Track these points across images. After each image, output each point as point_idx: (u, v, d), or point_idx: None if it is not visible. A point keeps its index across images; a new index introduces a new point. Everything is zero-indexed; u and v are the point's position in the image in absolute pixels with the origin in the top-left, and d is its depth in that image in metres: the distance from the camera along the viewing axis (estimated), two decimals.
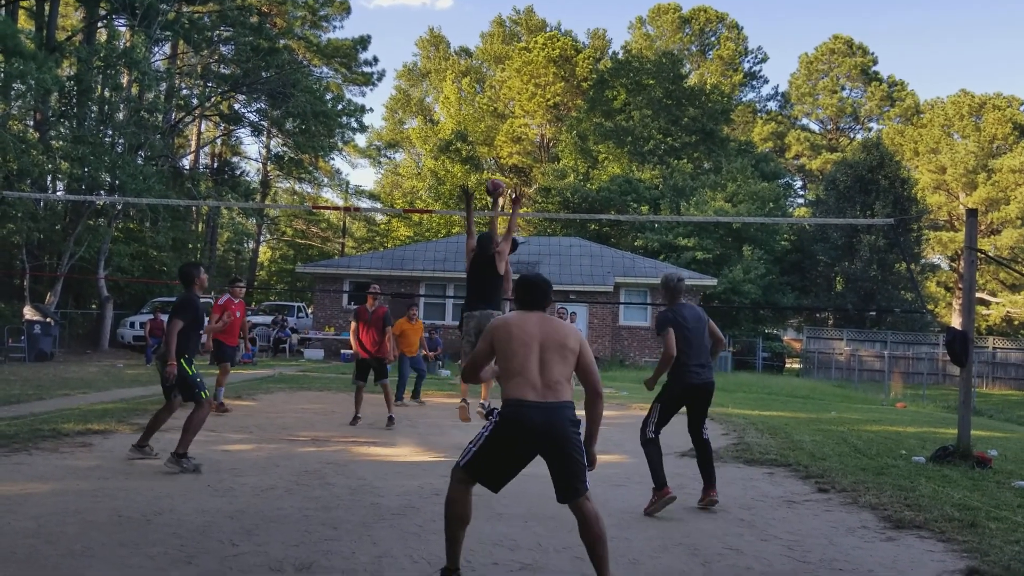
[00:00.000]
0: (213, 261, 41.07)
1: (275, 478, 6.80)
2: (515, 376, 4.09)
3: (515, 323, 4.21)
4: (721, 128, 44.21)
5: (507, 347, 4.14)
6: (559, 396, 4.07)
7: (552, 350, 4.13)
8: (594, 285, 26.23)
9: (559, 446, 4.02)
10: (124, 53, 25.94)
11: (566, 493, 4.07)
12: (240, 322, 11.51)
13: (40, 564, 4.26)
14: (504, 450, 4.09)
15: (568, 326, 4.31)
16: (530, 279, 4.42)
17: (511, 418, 4.04)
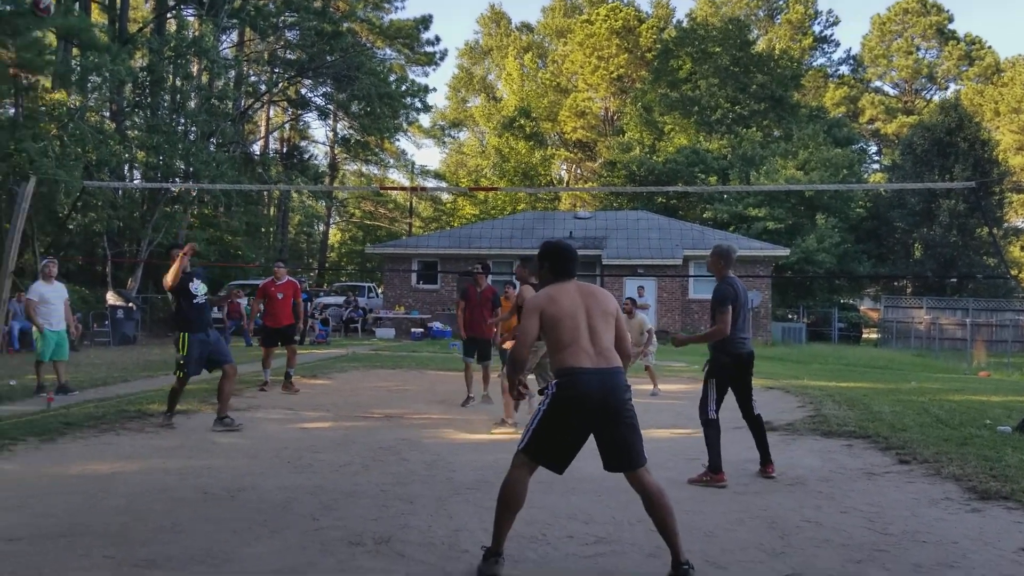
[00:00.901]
0: (285, 244, 41.94)
1: (352, 454, 6.94)
2: (568, 346, 4.00)
3: (558, 294, 4.12)
4: (791, 94, 43.11)
5: (556, 319, 4.05)
6: (611, 362, 4.01)
7: (598, 317, 4.07)
8: (663, 259, 25.96)
9: (617, 412, 3.94)
10: (193, 42, 26.51)
11: (624, 462, 3.98)
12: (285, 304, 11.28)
13: (132, 540, 4.43)
14: (563, 423, 3.96)
15: (605, 291, 4.27)
16: (560, 246, 4.31)
17: (568, 387, 3.94)
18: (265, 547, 4.35)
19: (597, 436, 3.99)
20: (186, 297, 7.83)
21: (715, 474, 5.96)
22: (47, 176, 19.44)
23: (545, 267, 4.29)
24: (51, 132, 21.81)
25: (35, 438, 7.20)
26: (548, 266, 4.27)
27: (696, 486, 5.88)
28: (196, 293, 7.85)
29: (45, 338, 10.23)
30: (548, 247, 4.32)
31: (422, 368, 15.30)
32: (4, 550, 4.18)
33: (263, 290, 11.21)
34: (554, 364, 4.10)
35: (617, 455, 3.99)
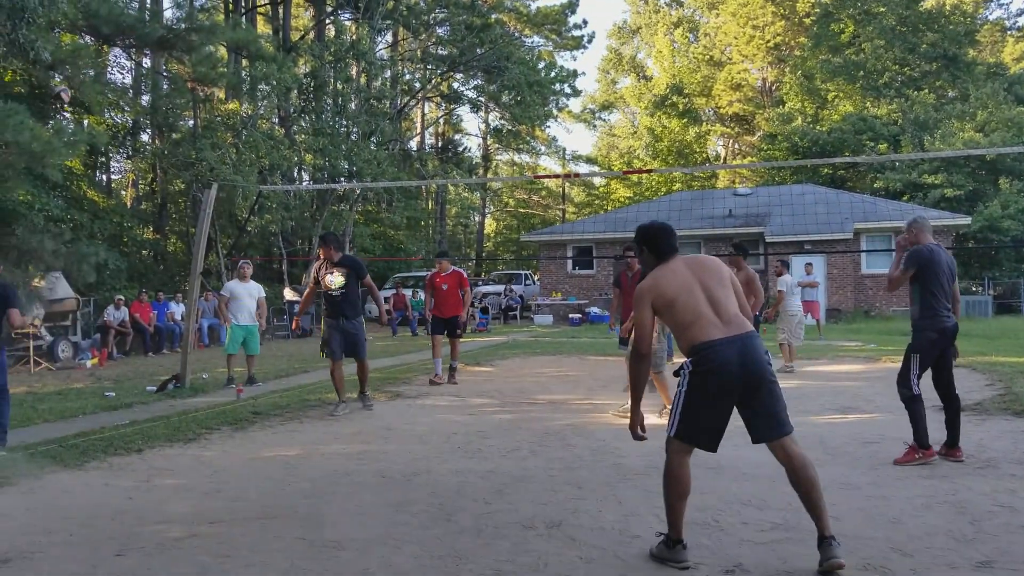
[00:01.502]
0: (443, 235, 43.07)
1: (519, 440, 7.05)
2: (692, 323, 3.85)
3: (664, 276, 3.97)
4: (965, 52, 40.04)
5: (670, 301, 3.90)
6: (743, 327, 3.84)
7: (715, 286, 3.91)
8: (831, 233, 24.78)
9: (759, 378, 3.77)
10: (351, 46, 27.60)
11: (770, 429, 3.81)
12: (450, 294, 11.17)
13: (320, 521, 4.69)
14: (705, 400, 3.82)
15: (713, 259, 4.11)
16: (654, 226, 4.16)
17: (703, 362, 3.79)
18: (442, 529, 4.49)
19: (740, 407, 3.84)
20: (324, 288, 8.46)
21: (924, 450, 5.77)
22: (226, 182, 20.82)
23: (645, 252, 4.16)
24: (227, 140, 23.32)
25: (228, 427, 7.75)
26: (648, 249, 4.15)
27: (903, 466, 5.70)
28: (330, 286, 8.36)
29: (232, 331, 11.00)
30: (641, 230, 4.20)
31: (582, 354, 15.33)
32: (207, 532, 4.52)
33: (429, 282, 11.46)
34: (683, 346, 3.94)
35: (762, 423, 3.83)
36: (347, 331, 8.42)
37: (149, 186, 27.43)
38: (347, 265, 8.45)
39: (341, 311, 8.35)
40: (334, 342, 8.43)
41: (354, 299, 8.47)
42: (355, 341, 8.49)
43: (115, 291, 18.82)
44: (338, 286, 8.30)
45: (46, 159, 11.39)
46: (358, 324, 8.48)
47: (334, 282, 8.27)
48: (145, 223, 25.96)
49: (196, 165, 22.21)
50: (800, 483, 3.80)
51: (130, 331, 16.94)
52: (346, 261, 8.53)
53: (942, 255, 6.03)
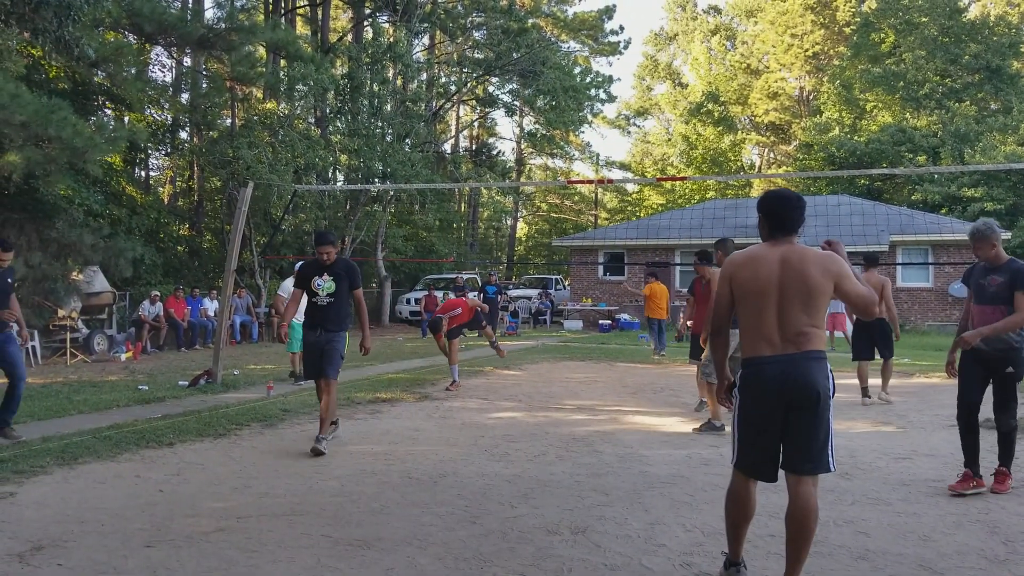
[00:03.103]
0: (475, 239, 43.16)
1: (545, 445, 7.05)
2: (748, 330, 3.59)
3: (755, 259, 3.62)
4: (1009, 63, 39.31)
5: (744, 291, 3.61)
6: (801, 347, 3.49)
7: (794, 295, 3.51)
8: (867, 245, 24.45)
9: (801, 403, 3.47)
10: (389, 48, 27.76)
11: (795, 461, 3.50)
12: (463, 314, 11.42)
13: (346, 520, 4.73)
14: (748, 423, 3.59)
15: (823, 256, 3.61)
16: (778, 195, 3.74)
17: (745, 379, 3.58)
18: (467, 532, 4.51)
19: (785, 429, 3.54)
20: (309, 294, 7.13)
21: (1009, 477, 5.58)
22: (262, 181, 21.03)
23: (761, 222, 3.75)
24: (264, 140, 23.56)
25: (258, 424, 7.83)
26: (762, 218, 3.74)
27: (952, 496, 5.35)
28: (318, 291, 7.03)
29: (293, 329, 11.12)
30: (765, 195, 3.79)
31: (611, 360, 15.28)
32: (235, 527, 4.57)
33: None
34: (741, 349, 3.70)
35: (788, 451, 3.52)
36: (325, 345, 6.96)
37: (186, 183, 27.80)
38: (342, 270, 7.12)
39: (323, 322, 7.00)
40: (306, 355, 7.11)
41: (341, 310, 7.11)
42: (328, 352, 6.94)
43: (150, 286, 19.08)
44: (326, 292, 7.01)
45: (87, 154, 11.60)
46: (339, 337, 7.08)
47: (323, 287, 7.02)
48: (181, 220, 26.30)
49: (233, 163, 22.46)
50: (796, 527, 3.50)
51: (164, 326, 17.17)
52: (341, 265, 7.16)
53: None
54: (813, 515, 3.47)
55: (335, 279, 7.04)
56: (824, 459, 3.52)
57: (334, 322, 7.03)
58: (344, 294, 7.08)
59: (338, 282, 7.04)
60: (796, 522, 3.48)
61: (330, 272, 7.07)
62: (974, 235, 5.44)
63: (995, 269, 5.39)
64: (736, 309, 3.69)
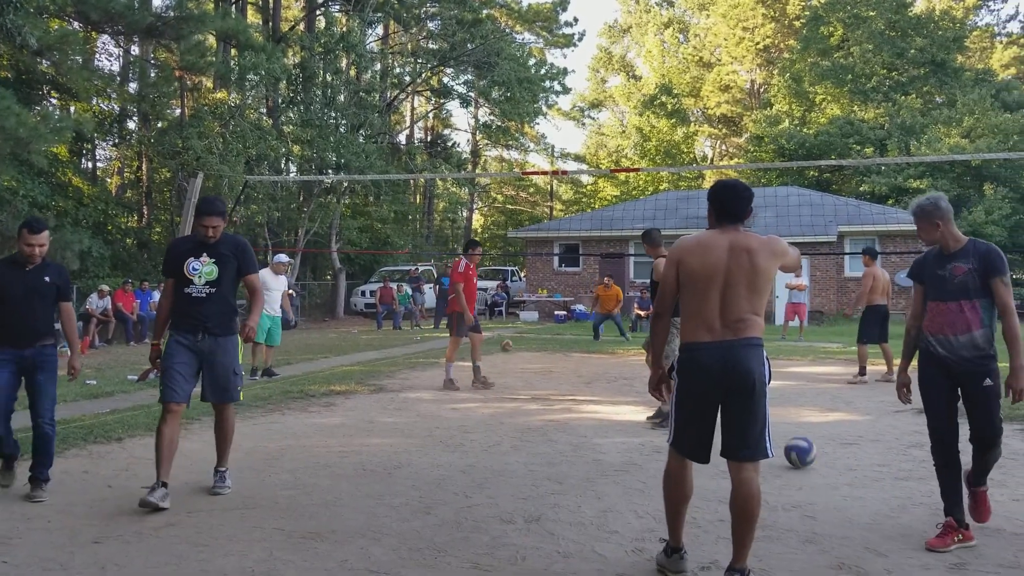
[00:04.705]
0: (431, 230, 43.02)
1: (501, 435, 7.08)
2: (691, 316, 3.61)
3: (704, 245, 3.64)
4: (954, 57, 40.25)
5: (690, 277, 3.61)
6: (740, 333, 3.52)
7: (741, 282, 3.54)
8: (815, 235, 24.95)
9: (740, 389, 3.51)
10: (342, 38, 27.50)
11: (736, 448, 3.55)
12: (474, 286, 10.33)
13: (299, 513, 4.70)
14: (686, 406, 3.63)
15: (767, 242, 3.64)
16: (726, 184, 3.79)
17: (684, 363, 3.63)
18: (421, 522, 4.51)
19: (721, 416, 3.61)
20: (179, 282, 5.10)
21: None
22: (212, 172, 20.73)
23: (710, 210, 3.79)
24: (214, 130, 23.22)
25: (208, 417, 7.70)
26: (711, 207, 3.78)
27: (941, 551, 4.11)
28: (191, 277, 5.05)
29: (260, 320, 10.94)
30: (714, 184, 3.83)
31: (566, 351, 15.37)
32: (185, 521, 4.52)
33: (464, 274, 10.02)
34: (681, 334, 3.72)
35: (727, 437, 3.57)
36: (208, 356, 5.07)
37: (134, 174, 27.27)
38: (228, 250, 5.16)
39: (203, 321, 5.03)
40: (176, 373, 4.99)
41: (228, 305, 5.15)
42: (222, 374, 5.12)
43: (98, 279, 18.71)
44: (205, 281, 5.06)
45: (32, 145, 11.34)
46: (230, 346, 5.13)
47: (199, 273, 5.06)
48: (130, 211, 25.83)
49: (182, 154, 22.11)
50: (739, 512, 3.52)
51: (112, 320, 16.85)
52: (228, 244, 5.17)
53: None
54: (756, 500, 3.52)
55: (218, 262, 5.08)
56: (762, 446, 3.56)
57: (219, 322, 5.08)
58: (230, 283, 5.16)
59: (222, 267, 5.09)
60: (739, 507, 3.52)
61: (212, 253, 5.10)
62: (915, 213, 4.47)
63: (955, 255, 4.30)
64: (679, 294, 3.70)
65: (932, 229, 4.37)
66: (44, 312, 5.17)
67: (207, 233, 5.04)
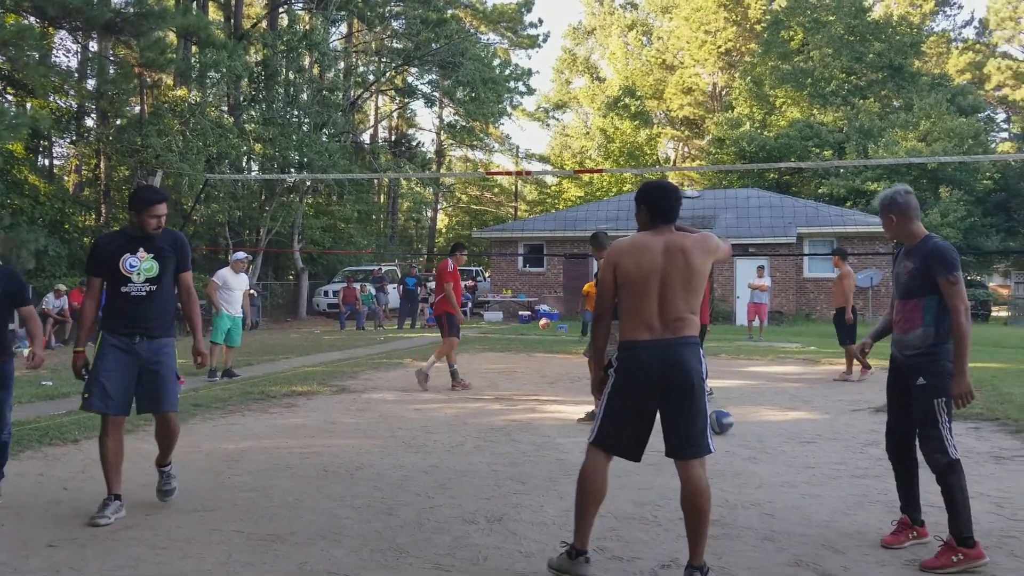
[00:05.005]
0: (395, 230, 42.84)
1: (464, 435, 7.07)
2: (630, 316, 3.63)
3: (639, 248, 3.66)
4: (911, 62, 41.02)
5: (627, 279, 3.63)
6: (678, 332, 3.58)
7: (677, 282, 3.59)
8: (775, 237, 25.27)
9: (677, 391, 3.56)
10: (305, 36, 27.29)
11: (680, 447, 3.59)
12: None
13: (259, 515, 4.66)
14: (623, 405, 3.63)
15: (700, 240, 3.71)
16: (658, 184, 3.81)
17: (624, 362, 3.63)
18: (383, 523, 4.50)
19: (661, 416, 3.64)
20: (114, 280, 4.67)
21: (968, 548, 3.88)
22: (172, 170, 20.46)
23: (642, 210, 3.78)
24: (174, 128, 22.90)
25: None
26: (644, 208, 3.77)
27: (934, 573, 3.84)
28: (129, 274, 4.64)
29: (220, 319, 10.84)
30: (644, 186, 3.83)
31: (530, 351, 15.40)
32: (143, 523, 4.46)
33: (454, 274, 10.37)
34: (619, 333, 3.73)
35: (671, 438, 3.62)
36: (147, 362, 4.63)
37: (92, 172, 26.79)
38: (168, 245, 4.77)
39: (141, 322, 4.64)
40: (113, 382, 4.56)
41: (167, 305, 4.78)
42: (163, 381, 4.69)
43: (55, 279, 18.38)
44: (145, 278, 4.66)
45: None
46: (167, 350, 4.75)
47: (138, 270, 4.65)
48: (87, 210, 25.37)
49: (141, 152, 21.79)
50: (690, 509, 3.57)
51: (69, 320, 16.56)
52: (167, 239, 4.78)
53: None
54: (706, 495, 3.56)
55: (157, 257, 4.68)
56: (704, 442, 3.60)
57: (159, 324, 4.70)
58: (170, 280, 4.78)
59: (162, 262, 4.70)
60: (691, 504, 3.56)
61: (149, 247, 4.69)
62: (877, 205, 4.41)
63: (909, 253, 4.22)
64: (618, 295, 3.72)
65: (888, 223, 4.30)
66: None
67: (155, 224, 4.66)
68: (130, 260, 4.64)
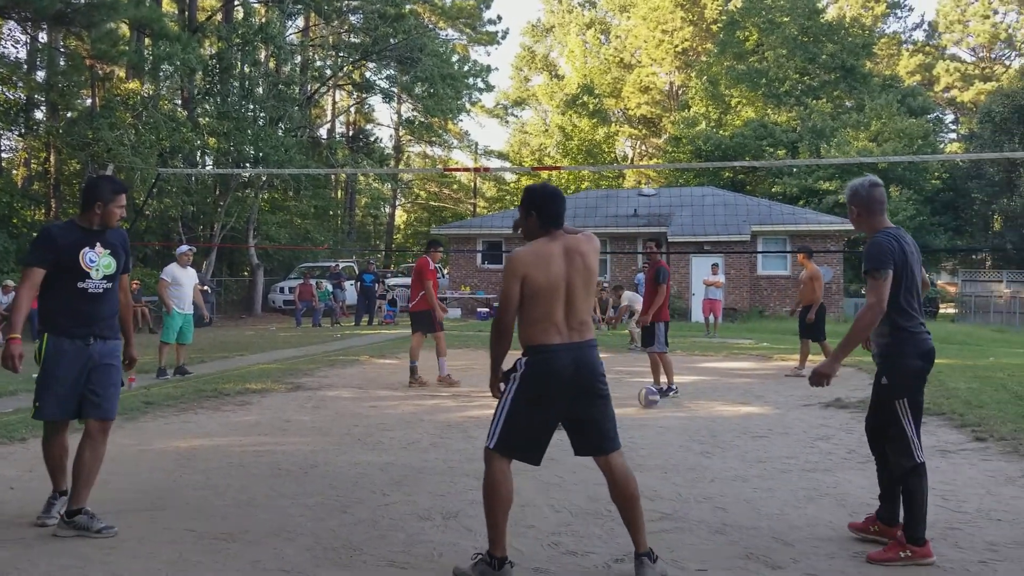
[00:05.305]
0: (353, 226, 42.54)
1: (420, 432, 7.06)
2: (539, 321, 3.60)
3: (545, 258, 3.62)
4: (862, 64, 41.79)
5: (536, 290, 3.58)
6: (584, 335, 3.65)
7: (579, 285, 3.64)
8: (729, 235, 25.58)
9: (589, 391, 3.63)
10: (260, 29, 26.98)
11: (598, 444, 3.68)
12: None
13: (210, 513, 4.61)
14: (532, 407, 3.61)
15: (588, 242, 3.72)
16: (549, 189, 3.77)
17: (537, 365, 3.61)
18: (337, 521, 4.48)
19: (567, 418, 3.69)
20: (71, 275, 4.32)
21: (917, 547, 3.87)
22: (124, 164, 20.10)
23: (532, 216, 3.72)
24: (126, 121, 22.51)
25: (119, 417, 7.48)
26: (536, 215, 3.71)
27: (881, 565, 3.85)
28: (88, 270, 4.34)
29: (172, 318, 10.65)
30: (531, 191, 3.78)
31: (487, 347, 15.38)
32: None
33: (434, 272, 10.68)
34: (521, 337, 3.69)
35: (588, 438, 3.69)
36: (96, 364, 4.34)
37: (42, 166, 26.22)
38: (119, 242, 4.53)
39: (97, 322, 4.37)
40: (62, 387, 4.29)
41: (116, 305, 4.53)
42: (110, 384, 4.41)
43: (3, 275, 17.97)
44: (103, 275, 4.40)
45: None
46: (118, 353, 4.49)
47: (97, 265, 4.38)
48: (37, 204, 24.82)
49: (93, 145, 21.38)
50: (621, 498, 3.66)
51: None
52: (119, 236, 4.55)
53: (907, 240, 4.11)
54: (633, 480, 3.69)
55: (112, 254, 4.44)
56: (617, 434, 3.74)
57: (112, 324, 4.46)
58: (117, 282, 4.51)
59: (117, 259, 4.47)
60: (620, 492, 3.67)
61: (105, 243, 4.42)
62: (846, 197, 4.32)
63: None
64: (524, 304, 3.65)
65: (851, 215, 4.20)
66: None
67: (119, 216, 4.45)
68: (90, 255, 4.34)
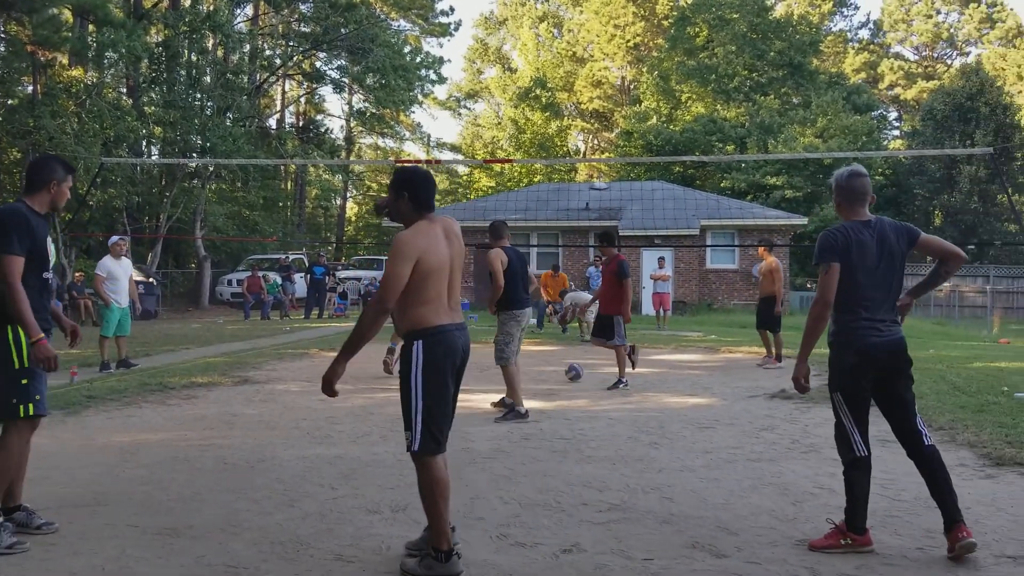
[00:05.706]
0: (303, 218, 42.06)
1: (370, 425, 7.02)
2: (430, 302, 3.60)
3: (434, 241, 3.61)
4: (809, 61, 42.51)
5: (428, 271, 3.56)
6: (460, 317, 3.77)
7: (457, 269, 3.72)
8: (679, 229, 25.85)
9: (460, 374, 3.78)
10: (208, 17, 26.49)
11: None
12: None
13: (154, 508, 4.53)
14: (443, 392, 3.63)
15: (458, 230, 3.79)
16: (422, 171, 3.80)
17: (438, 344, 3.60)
18: (284, 515, 4.43)
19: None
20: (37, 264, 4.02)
21: (857, 535, 3.92)
22: (67, 153, 19.61)
23: (404, 197, 3.69)
24: (69, 109, 21.97)
25: (59, 411, 7.32)
26: (409, 196, 3.68)
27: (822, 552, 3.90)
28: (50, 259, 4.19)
29: (111, 312, 10.41)
30: (406, 173, 3.78)
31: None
32: None
33: None
34: (407, 324, 3.64)
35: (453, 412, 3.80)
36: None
37: None
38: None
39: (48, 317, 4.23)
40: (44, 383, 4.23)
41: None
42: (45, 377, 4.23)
43: None
44: (52, 263, 4.29)
45: None
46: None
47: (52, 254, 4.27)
48: None
49: (34, 133, 20.84)
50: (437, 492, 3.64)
51: None
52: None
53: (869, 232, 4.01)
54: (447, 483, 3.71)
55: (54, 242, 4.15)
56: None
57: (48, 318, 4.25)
58: None
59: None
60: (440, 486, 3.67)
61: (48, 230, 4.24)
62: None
63: None
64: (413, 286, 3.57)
65: (835, 205, 4.23)
66: None
67: (66, 199, 4.14)
68: (50, 243, 4.05)
